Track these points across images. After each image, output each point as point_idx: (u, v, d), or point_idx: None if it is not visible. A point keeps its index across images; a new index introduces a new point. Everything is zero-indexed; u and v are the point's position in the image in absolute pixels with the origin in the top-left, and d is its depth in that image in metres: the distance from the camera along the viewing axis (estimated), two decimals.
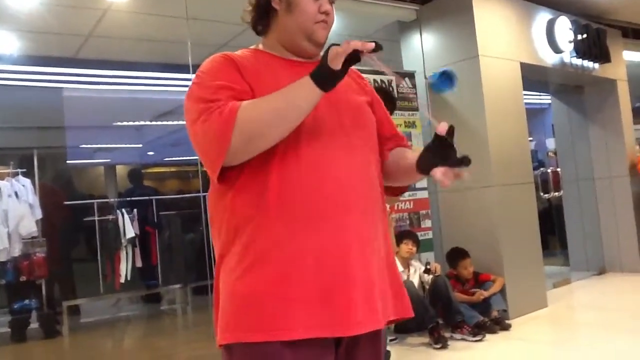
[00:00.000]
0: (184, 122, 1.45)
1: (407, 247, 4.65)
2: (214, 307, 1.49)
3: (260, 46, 1.59)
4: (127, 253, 6.36)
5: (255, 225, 1.37)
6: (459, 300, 4.69)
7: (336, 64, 1.29)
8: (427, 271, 4.73)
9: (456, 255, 5.01)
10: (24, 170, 5.81)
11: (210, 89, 1.40)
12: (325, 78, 1.32)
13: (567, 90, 7.24)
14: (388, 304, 1.48)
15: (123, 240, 6.33)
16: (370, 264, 1.42)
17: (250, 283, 1.36)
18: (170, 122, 8.75)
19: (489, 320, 4.63)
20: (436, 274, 4.67)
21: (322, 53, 1.55)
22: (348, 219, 1.39)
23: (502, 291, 4.91)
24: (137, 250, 6.49)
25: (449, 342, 4.35)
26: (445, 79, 1.36)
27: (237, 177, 1.40)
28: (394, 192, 1.70)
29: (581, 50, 6.24)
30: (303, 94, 1.34)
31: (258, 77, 1.45)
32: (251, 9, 1.57)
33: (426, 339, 4.44)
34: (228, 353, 1.41)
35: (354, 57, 1.29)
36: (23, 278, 5.56)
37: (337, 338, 1.40)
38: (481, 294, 4.77)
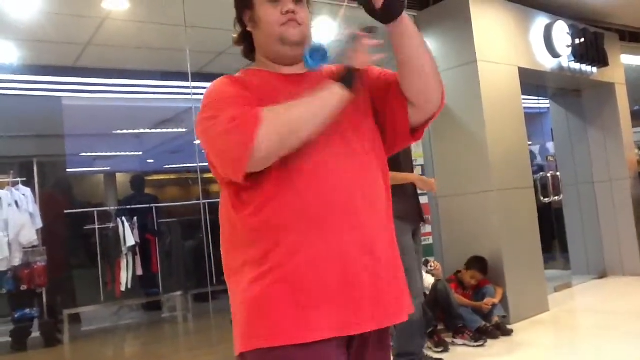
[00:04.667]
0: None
1: None
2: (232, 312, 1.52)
3: (253, 66, 1.64)
4: (127, 261, 6.35)
5: (268, 235, 1.41)
6: (464, 305, 4.68)
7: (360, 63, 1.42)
8: (425, 263, 4.73)
9: (476, 264, 4.93)
10: (24, 179, 5.81)
11: (225, 101, 1.42)
12: (350, 82, 1.42)
13: (566, 95, 7.25)
14: (397, 301, 1.51)
15: (123, 248, 6.33)
16: (378, 263, 1.46)
17: (263, 289, 1.39)
18: (170, 130, 8.75)
19: (491, 326, 4.62)
20: (437, 279, 4.66)
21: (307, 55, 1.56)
22: (355, 223, 1.44)
23: (502, 297, 4.90)
24: (138, 258, 6.48)
25: (450, 348, 4.35)
26: (318, 54, 1.38)
27: (246, 188, 1.43)
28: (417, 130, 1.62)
29: (579, 54, 6.26)
30: (334, 95, 1.42)
31: (261, 92, 1.49)
32: (236, 41, 1.65)
33: (427, 344, 4.43)
34: None
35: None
36: (24, 287, 5.55)
37: (349, 338, 1.44)
38: (490, 302, 4.73)
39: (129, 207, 7.00)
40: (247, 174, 1.38)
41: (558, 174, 6.67)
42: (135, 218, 6.61)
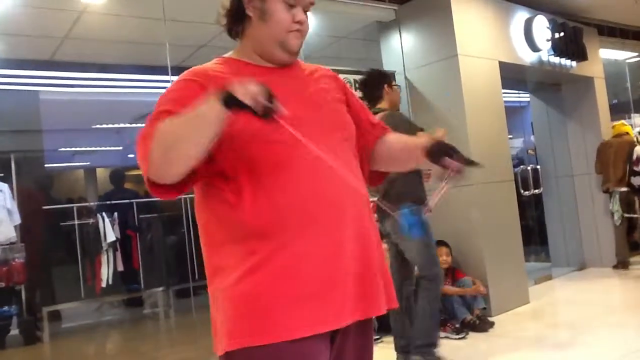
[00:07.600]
0: None
1: None
2: (211, 316, 1.50)
3: (233, 54, 1.58)
4: (108, 257, 6.29)
5: (258, 230, 1.39)
6: (452, 294, 4.72)
7: (243, 98, 1.23)
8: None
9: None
10: (1, 175, 5.73)
11: (155, 112, 1.39)
12: (231, 105, 1.25)
13: (545, 88, 7.31)
14: (381, 294, 1.51)
15: (104, 244, 6.26)
16: (363, 257, 1.47)
17: (252, 285, 1.37)
18: None
19: (475, 319, 4.65)
20: None
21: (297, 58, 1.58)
22: (341, 217, 1.44)
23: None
24: (119, 254, 6.42)
25: None
26: (419, 225, 1.43)
27: (227, 186, 1.42)
28: (375, 180, 1.78)
29: (558, 48, 6.30)
30: (212, 111, 1.26)
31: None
32: (224, 14, 1.55)
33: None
34: None
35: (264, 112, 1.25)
36: (2, 284, 5.47)
37: (333, 330, 1.44)
38: (479, 288, 4.81)
39: (109, 202, 6.93)
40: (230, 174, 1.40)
41: (538, 167, 6.73)
42: (116, 213, 6.55)
